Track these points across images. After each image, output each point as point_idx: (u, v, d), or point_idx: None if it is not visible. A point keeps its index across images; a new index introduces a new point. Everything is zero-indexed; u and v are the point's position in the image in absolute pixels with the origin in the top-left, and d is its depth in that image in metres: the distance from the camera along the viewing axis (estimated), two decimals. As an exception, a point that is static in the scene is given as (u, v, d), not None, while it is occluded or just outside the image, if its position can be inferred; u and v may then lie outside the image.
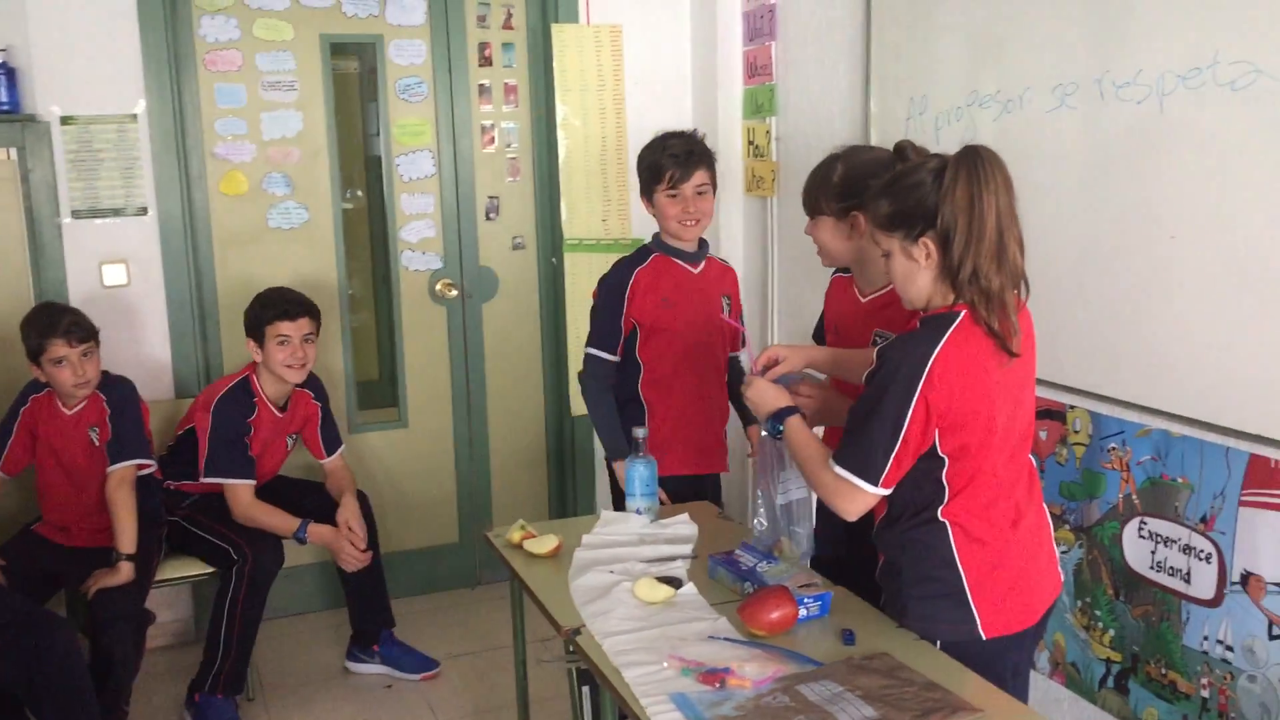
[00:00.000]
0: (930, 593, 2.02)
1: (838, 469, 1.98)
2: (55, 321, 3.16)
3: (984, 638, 1.99)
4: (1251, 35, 2.13)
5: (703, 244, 3.07)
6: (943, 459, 1.96)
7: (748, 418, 3.14)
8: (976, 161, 1.88)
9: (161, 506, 3.41)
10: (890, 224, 1.97)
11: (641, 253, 3.04)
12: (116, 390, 3.29)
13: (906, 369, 1.90)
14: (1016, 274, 1.93)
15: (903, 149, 2.05)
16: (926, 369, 1.88)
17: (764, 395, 2.26)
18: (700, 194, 2.93)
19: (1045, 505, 2.13)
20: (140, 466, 3.28)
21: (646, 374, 3.01)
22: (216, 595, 3.35)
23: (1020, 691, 2.09)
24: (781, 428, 2.17)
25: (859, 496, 1.98)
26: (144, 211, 3.72)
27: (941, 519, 1.98)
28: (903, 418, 1.89)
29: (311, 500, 3.60)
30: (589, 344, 3.04)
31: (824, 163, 2.43)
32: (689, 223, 2.94)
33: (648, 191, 2.96)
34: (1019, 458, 2.04)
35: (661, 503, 2.76)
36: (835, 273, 2.62)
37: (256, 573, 3.32)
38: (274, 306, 3.44)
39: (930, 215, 1.90)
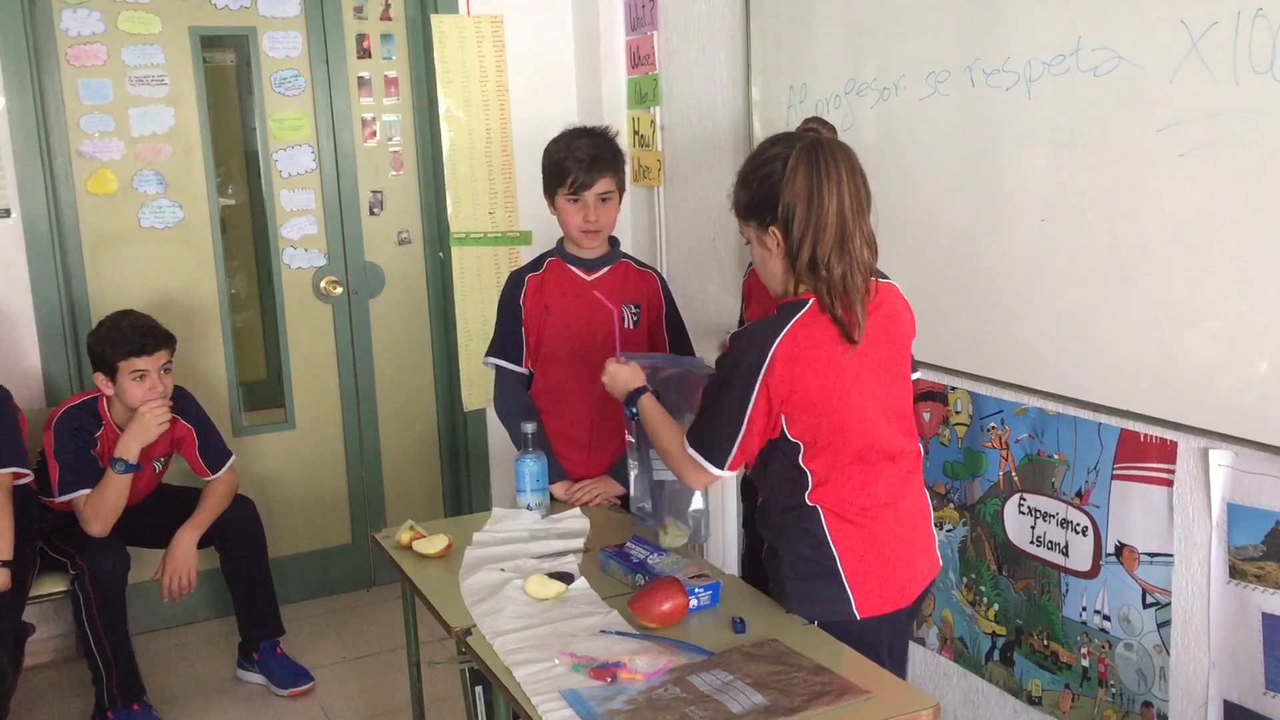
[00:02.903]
0: (805, 573, 2.04)
1: (688, 448, 2.05)
2: None
3: (858, 617, 2.01)
4: (1112, 22, 2.19)
5: (614, 246, 2.88)
6: (796, 444, 1.98)
7: None
8: (818, 152, 1.89)
9: (36, 518, 3.28)
10: (747, 213, 2.00)
11: (540, 258, 2.90)
12: None
13: (750, 355, 1.92)
14: (864, 268, 1.94)
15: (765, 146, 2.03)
16: (769, 356, 1.90)
17: (617, 377, 2.31)
18: (604, 201, 2.74)
19: (927, 487, 2.17)
20: (17, 475, 3.13)
21: (536, 384, 2.88)
22: (75, 615, 3.24)
23: (897, 671, 2.12)
24: (635, 410, 2.22)
25: (706, 474, 2.06)
26: (6, 214, 3.57)
27: (811, 503, 2.00)
28: (745, 403, 1.93)
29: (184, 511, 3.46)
30: (487, 352, 2.92)
31: None
32: (589, 231, 2.76)
33: (549, 191, 2.78)
34: (891, 440, 2.04)
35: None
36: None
37: (98, 579, 3.19)
38: (126, 342, 3.23)
39: (776, 204, 1.91)
